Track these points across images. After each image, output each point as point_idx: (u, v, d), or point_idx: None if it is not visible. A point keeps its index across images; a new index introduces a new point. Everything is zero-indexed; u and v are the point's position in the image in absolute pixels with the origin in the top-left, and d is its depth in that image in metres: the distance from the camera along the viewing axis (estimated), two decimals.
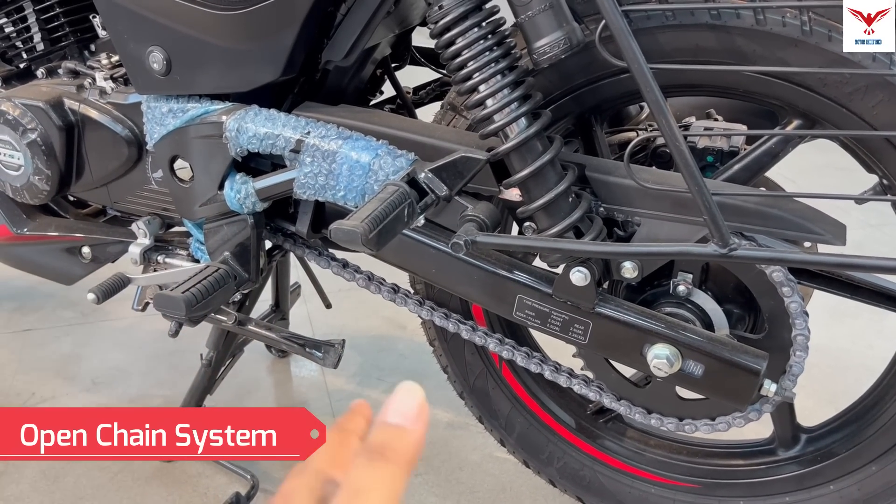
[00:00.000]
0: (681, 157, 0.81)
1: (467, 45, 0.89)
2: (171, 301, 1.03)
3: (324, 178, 1.01)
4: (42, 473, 1.46)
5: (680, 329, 0.96)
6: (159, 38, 1.06)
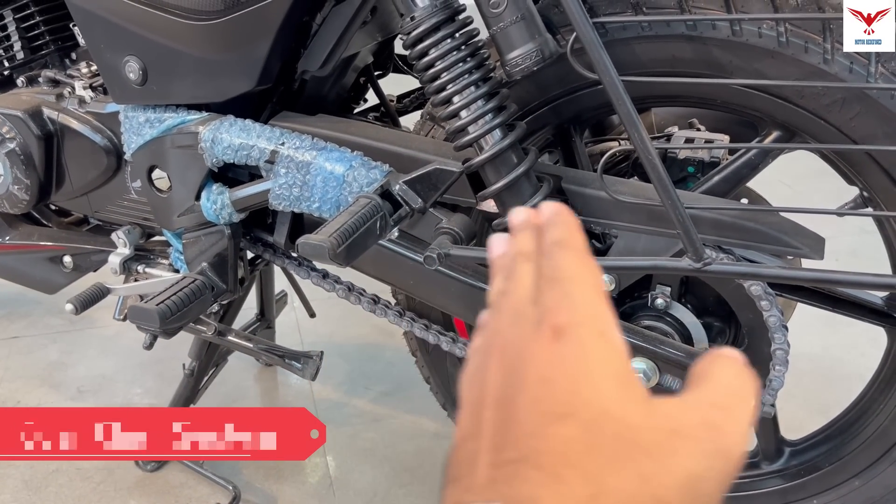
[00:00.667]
0: (653, 170, 0.80)
1: (440, 56, 0.88)
2: (145, 313, 1.02)
3: (298, 190, 1.00)
4: (24, 483, 1.45)
5: (658, 343, 0.95)
6: (135, 48, 1.05)
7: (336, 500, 1.42)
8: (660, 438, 0.31)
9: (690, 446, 0.31)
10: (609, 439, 0.31)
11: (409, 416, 1.64)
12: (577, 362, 0.33)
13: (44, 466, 1.49)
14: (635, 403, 0.32)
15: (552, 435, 0.31)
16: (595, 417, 0.31)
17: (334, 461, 1.51)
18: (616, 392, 0.32)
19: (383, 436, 1.58)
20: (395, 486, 1.45)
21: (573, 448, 0.30)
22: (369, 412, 1.66)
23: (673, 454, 0.31)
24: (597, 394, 0.32)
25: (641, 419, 0.32)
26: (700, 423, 0.32)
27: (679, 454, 0.31)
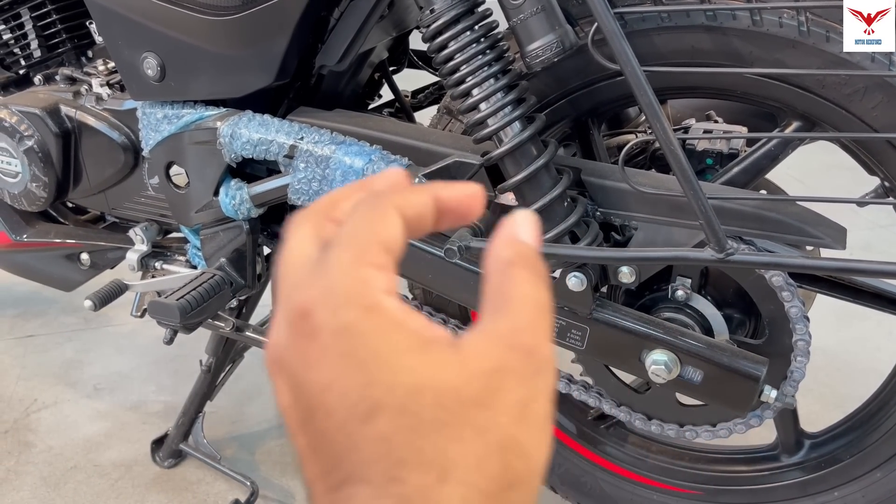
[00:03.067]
0: (676, 161, 0.79)
1: (459, 49, 0.88)
2: (166, 308, 1.03)
3: (318, 184, 1.00)
4: (43, 480, 1.46)
5: (678, 334, 0.94)
6: (153, 45, 1.06)
7: None
8: (481, 384, 0.29)
9: (511, 377, 0.30)
10: (430, 411, 0.28)
11: None
12: (355, 351, 0.29)
13: (62, 463, 1.50)
14: (442, 361, 0.30)
15: (365, 439, 0.28)
16: (405, 398, 0.28)
17: None
18: (415, 360, 0.29)
19: None
20: None
21: (395, 441, 0.28)
22: None
23: (498, 391, 0.29)
24: (394, 373, 0.29)
25: (455, 374, 0.29)
26: (511, 349, 0.31)
27: (503, 389, 0.30)
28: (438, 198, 0.36)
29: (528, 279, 0.33)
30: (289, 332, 0.31)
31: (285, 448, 1.54)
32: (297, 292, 0.31)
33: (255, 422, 1.62)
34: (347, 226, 0.33)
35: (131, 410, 1.65)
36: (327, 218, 0.35)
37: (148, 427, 1.59)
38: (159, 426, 1.56)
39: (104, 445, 1.55)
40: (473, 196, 0.37)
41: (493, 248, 0.34)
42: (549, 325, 0.32)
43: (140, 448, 1.52)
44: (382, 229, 0.33)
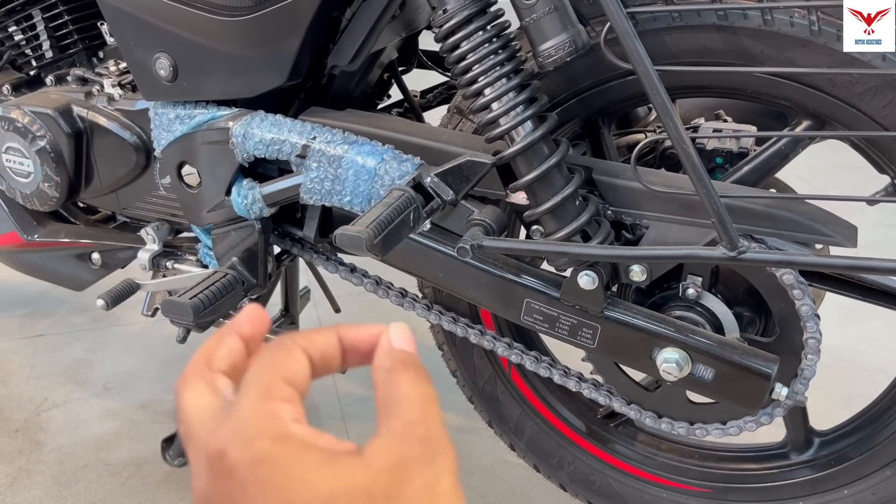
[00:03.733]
0: (688, 160, 0.80)
1: (472, 49, 0.89)
2: (179, 307, 1.03)
3: (330, 184, 1.00)
4: (54, 479, 1.46)
5: (689, 333, 0.95)
6: (166, 45, 1.06)
7: None
8: (387, 479, 0.33)
9: (413, 466, 0.33)
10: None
11: None
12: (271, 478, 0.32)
13: (72, 462, 1.51)
14: (349, 468, 0.33)
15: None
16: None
17: None
18: (326, 473, 0.32)
19: None
20: None
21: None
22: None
23: (404, 482, 0.33)
24: (309, 488, 0.32)
25: (363, 476, 0.33)
26: (408, 442, 0.34)
27: (408, 478, 0.33)
28: (344, 338, 0.40)
29: (409, 379, 0.37)
30: (208, 475, 0.33)
31: None
32: (211, 437, 0.34)
33: None
34: (252, 368, 0.36)
35: (141, 409, 1.66)
36: (211, 370, 0.38)
37: (158, 426, 1.60)
38: (169, 425, 1.57)
39: (114, 444, 1.55)
40: (377, 336, 0.40)
41: (374, 363, 0.38)
42: (436, 413, 0.36)
43: (150, 447, 1.53)
44: (286, 366, 0.36)
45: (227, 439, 0.33)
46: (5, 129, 1.24)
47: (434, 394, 0.37)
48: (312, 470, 0.32)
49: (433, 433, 0.35)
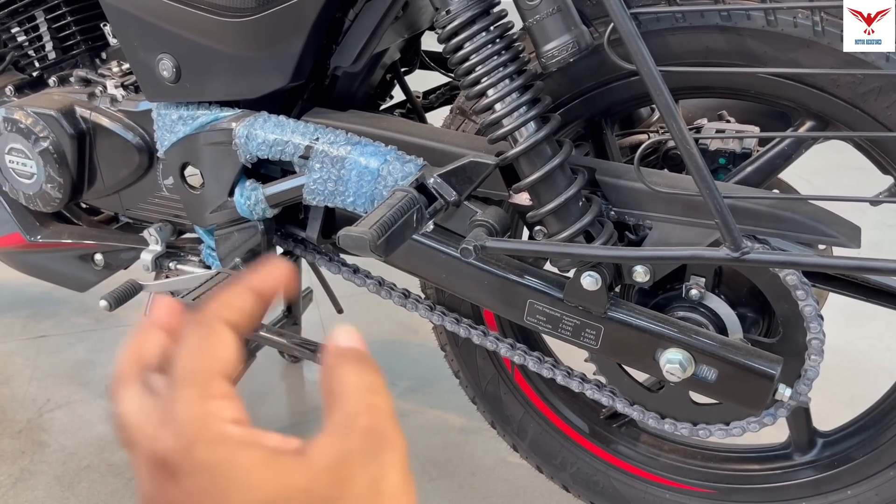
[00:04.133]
0: (691, 160, 0.80)
1: (475, 50, 0.89)
2: None
3: (333, 184, 1.00)
4: (57, 480, 1.46)
5: (693, 333, 0.95)
6: (169, 46, 1.06)
7: None
8: (328, 478, 0.31)
9: (355, 461, 0.32)
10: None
11: (436, 412, 1.65)
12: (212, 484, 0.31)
13: (75, 463, 1.51)
14: (290, 468, 0.32)
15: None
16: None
17: None
18: (265, 475, 0.31)
19: (410, 431, 1.59)
20: (423, 481, 1.46)
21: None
22: (396, 408, 1.64)
23: (347, 479, 0.31)
24: (248, 491, 0.31)
25: (303, 476, 0.31)
26: (349, 436, 0.33)
27: (351, 475, 0.32)
28: (254, 288, 0.38)
29: (353, 370, 0.35)
30: (152, 484, 0.32)
31: None
32: (151, 444, 0.33)
33: (267, 422, 1.63)
34: (181, 359, 0.35)
35: None
36: (142, 368, 0.37)
37: None
38: None
39: (117, 445, 1.55)
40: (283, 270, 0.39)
41: (322, 364, 0.37)
42: (384, 404, 0.35)
43: None
44: (216, 353, 0.35)
45: (167, 446, 0.32)
46: (8, 130, 1.24)
47: (381, 384, 0.35)
48: (252, 473, 0.31)
49: (379, 425, 0.34)
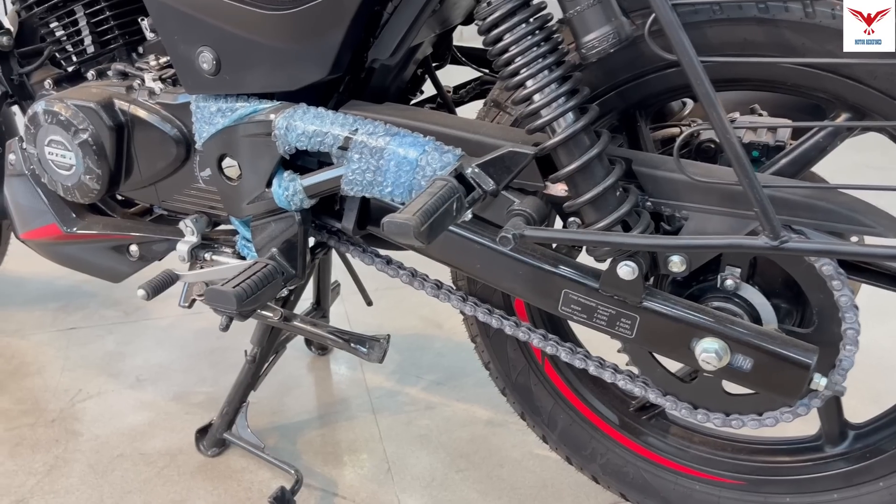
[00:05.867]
0: (731, 150, 0.81)
1: (515, 41, 0.90)
2: (223, 295, 1.05)
3: (371, 175, 1.02)
4: (91, 468, 1.49)
5: (729, 323, 0.96)
6: (209, 39, 1.08)
7: (395, 484, 1.44)
8: None
9: None
10: None
11: (462, 405, 1.66)
12: None
13: (108, 451, 1.53)
14: None
15: None
16: None
17: (390, 447, 1.53)
18: None
19: (437, 423, 1.61)
20: (451, 472, 1.47)
21: None
22: (422, 400, 1.68)
23: None
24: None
25: None
26: None
27: None
28: None
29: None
30: None
31: (326, 438, 1.56)
32: None
33: (295, 413, 1.65)
34: None
35: (174, 401, 1.68)
36: None
37: (191, 417, 1.62)
38: (202, 416, 1.59)
39: (149, 434, 1.58)
40: None
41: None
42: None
43: (184, 437, 1.55)
44: None
45: None
46: (49, 123, 1.26)
47: None
48: None
49: None
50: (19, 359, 1.85)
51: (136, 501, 1.40)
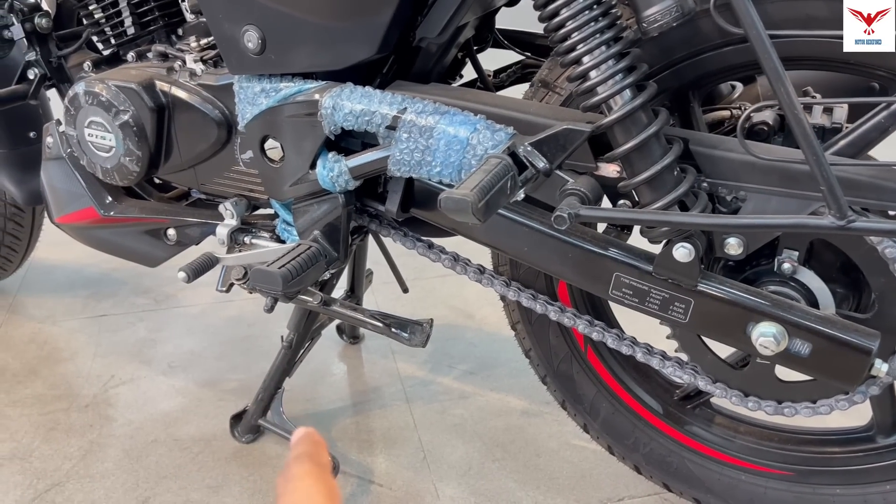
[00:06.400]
0: (799, 127, 0.78)
1: (571, 16, 0.88)
2: (269, 276, 1.04)
3: (420, 155, 1.00)
4: (125, 453, 1.48)
5: (787, 308, 0.93)
6: (255, 17, 1.07)
7: (431, 473, 1.43)
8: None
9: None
10: None
11: (496, 394, 1.65)
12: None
13: (142, 437, 1.52)
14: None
15: None
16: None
17: (425, 436, 1.52)
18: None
19: (472, 412, 1.59)
20: (488, 461, 1.46)
21: None
22: (456, 390, 1.66)
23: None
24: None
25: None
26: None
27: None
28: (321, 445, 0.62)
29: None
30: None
31: (360, 426, 1.55)
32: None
33: (329, 400, 1.64)
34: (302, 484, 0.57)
35: (207, 387, 1.67)
36: None
37: (224, 403, 1.61)
38: (235, 403, 1.59)
39: (182, 420, 1.57)
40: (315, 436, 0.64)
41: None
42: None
43: (218, 423, 1.55)
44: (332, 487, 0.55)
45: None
46: (89, 104, 1.26)
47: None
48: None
49: None
50: (52, 345, 1.85)
51: (172, 487, 1.40)
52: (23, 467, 1.45)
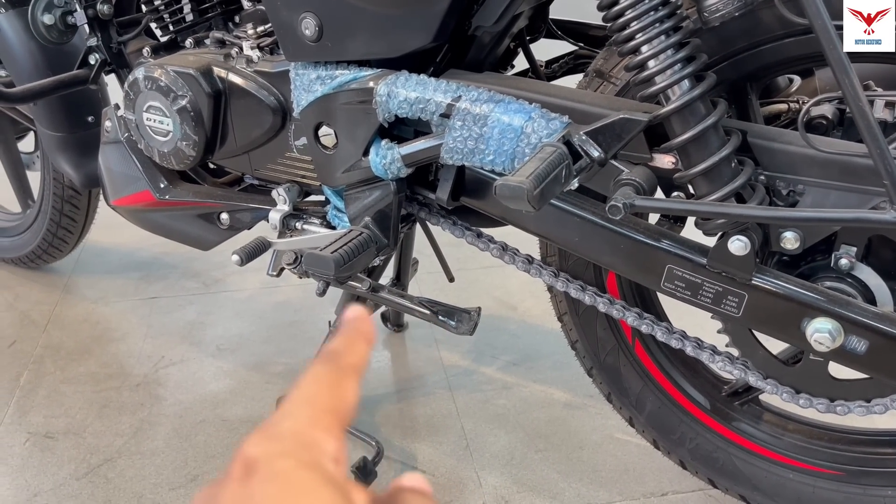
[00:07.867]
0: (863, 120, 0.77)
1: (631, 5, 0.88)
2: (321, 260, 1.05)
3: (473, 143, 1.01)
4: (175, 432, 1.52)
5: (844, 304, 0.92)
6: (313, 4, 1.08)
7: (474, 461, 1.44)
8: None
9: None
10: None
11: (539, 386, 1.65)
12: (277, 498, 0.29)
13: (191, 417, 1.56)
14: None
15: None
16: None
17: (468, 424, 1.53)
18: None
19: (515, 403, 1.59)
20: (531, 451, 1.46)
21: None
22: (499, 380, 1.67)
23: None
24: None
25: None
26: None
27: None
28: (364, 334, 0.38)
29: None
30: (228, 474, 0.31)
31: (404, 413, 1.57)
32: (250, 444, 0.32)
33: (373, 386, 1.65)
34: (309, 382, 0.34)
35: (254, 370, 1.70)
36: None
37: (271, 386, 1.64)
38: (281, 386, 1.61)
39: (230, 402, 1.60)
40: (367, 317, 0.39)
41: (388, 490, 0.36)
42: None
43: (265, 406, 1.57)
44: (341, 394, 0.34)
45: (261, 450, 0.31)
46: (148, 89, 1.29)
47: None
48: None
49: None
50: (104, 325, 1.89)
51: (220, 466, 1.43)
52: (77, 442, 1.49)
